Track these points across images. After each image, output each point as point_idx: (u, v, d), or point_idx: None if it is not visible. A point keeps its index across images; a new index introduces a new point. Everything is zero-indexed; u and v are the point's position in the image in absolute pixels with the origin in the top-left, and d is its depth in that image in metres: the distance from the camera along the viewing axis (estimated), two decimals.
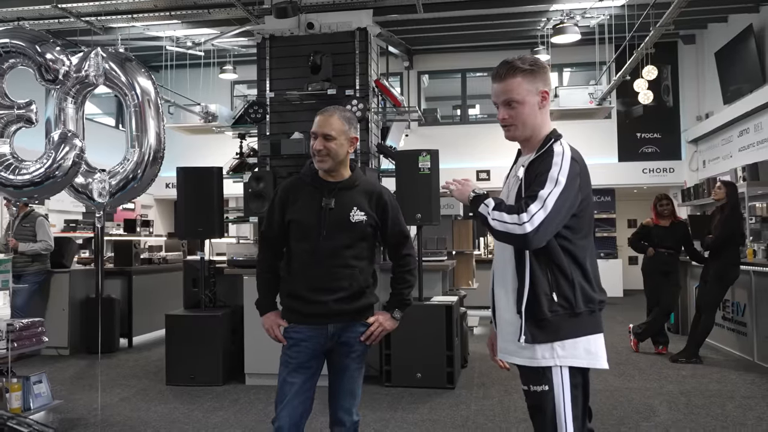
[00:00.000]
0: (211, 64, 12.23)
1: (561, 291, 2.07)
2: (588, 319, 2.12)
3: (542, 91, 2.16)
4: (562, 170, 2.05)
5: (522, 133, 2.19)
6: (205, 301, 5.98)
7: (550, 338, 2.07)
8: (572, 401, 2.07)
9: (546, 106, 2.19)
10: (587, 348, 2.11)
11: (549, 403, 2.08)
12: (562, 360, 2.07)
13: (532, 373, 2.11)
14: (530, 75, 2.14)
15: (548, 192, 2.01)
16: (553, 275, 2.07)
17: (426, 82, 14.77)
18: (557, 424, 2.07)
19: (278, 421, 2.63)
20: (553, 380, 2.07)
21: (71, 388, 5.59)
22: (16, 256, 6.42)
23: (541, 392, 2.09)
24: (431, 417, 4.60)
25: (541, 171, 2.07)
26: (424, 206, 5.53)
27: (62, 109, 3.77)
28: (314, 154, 2.68)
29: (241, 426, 4.47)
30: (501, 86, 2.16)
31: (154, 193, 13.93)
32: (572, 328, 2.08)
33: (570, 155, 2.11)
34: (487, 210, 2.06)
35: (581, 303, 2.09)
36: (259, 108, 6.35)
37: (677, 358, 6.40)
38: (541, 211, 1.98)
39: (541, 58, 9.34)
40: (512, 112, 2.16)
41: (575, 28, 9.16)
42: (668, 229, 6.87)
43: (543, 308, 2.05)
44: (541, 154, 2.13)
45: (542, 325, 2.06)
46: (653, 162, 13.42)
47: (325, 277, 2.67)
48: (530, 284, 2.07)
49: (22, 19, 8.24)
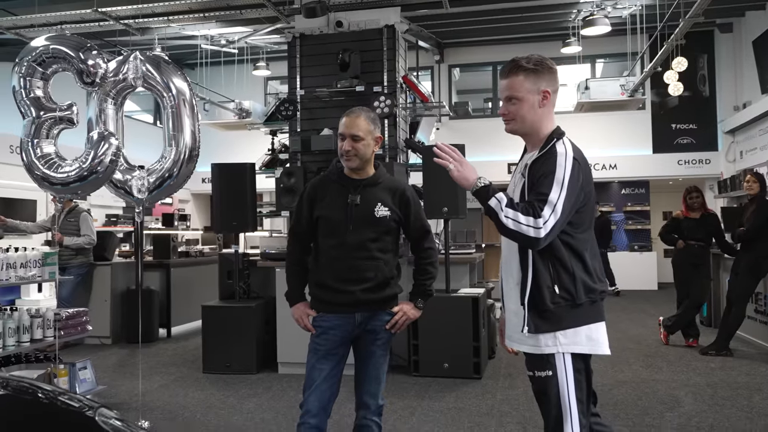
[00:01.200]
0: (244, 61, 12.48)
1: (562, 283, 2.18)
2: (589, 308, 2.22)
3: (544, 90, 2.26)
4: (566, 172, 2.15)
5: (520, 127, 2.31)
6: (239, 292, 6.20)
7: (553, 328, 2.18)
8: (576, 385, 2.18)
9: (547, 105, 2.28)
10: (588, 335, 2.22)
11: (553, 388, 2.19)
12: (564, 347, 2.19)
13: (537, 359, 2.23)
14: (533, 74, 2.24)
15: (557, 196, 2.11)
16: (555, 269, 2.18)
17: (457, 76, 14.79)
18: (562, 407, 2.18)
19: (306, 405, 2.78)
20: (557, 365, 2.19)
21: (113, 375, 5.86)
22: (61, 249, 6.71)
23: (546, 377, 2.20)
24: (457, 405, 4.72)
25: (545, 172, 2.16)
26: (451, 200, 5.62)
27: (102, 110, 3.97)
28: (342, 155, 2.82)
29: (274, 411, 4.66)
30: (505, 83, 2.29)
31: (190, 188, 14.28)
32: (574, 318, 2.19)
33: (572, 155, 2.20)
34: (500, 206, 2.12)
35: (582, 294, 2.19)
36: (289, 105, 6.52)
37: (707, 351, 6.38)
38: (553, 216, 2.09)
39: (572, 49, 9.31)
40: (512, 108, 2.28)
41: (605, 20, 9.10)
42: (698, 221, 6.83)
43: (545, 300, 2.16)
44: (544, 154, 2.23)
45: (545, 316, 2.18)
46: (689, 153, 13.23)
47: (352, 268, 2.81)
48: (533, 277, 2.18)
49: (65, 23, 8.58)
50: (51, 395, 1.78)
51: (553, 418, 2.20)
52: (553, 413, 2.20)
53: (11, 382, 1.88)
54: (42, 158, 3.91)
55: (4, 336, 4.03)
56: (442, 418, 4.44)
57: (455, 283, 5.93)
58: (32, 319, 4.24)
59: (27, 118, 3.92)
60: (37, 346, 4.35)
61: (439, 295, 5.55)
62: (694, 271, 6.80)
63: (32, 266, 4.31)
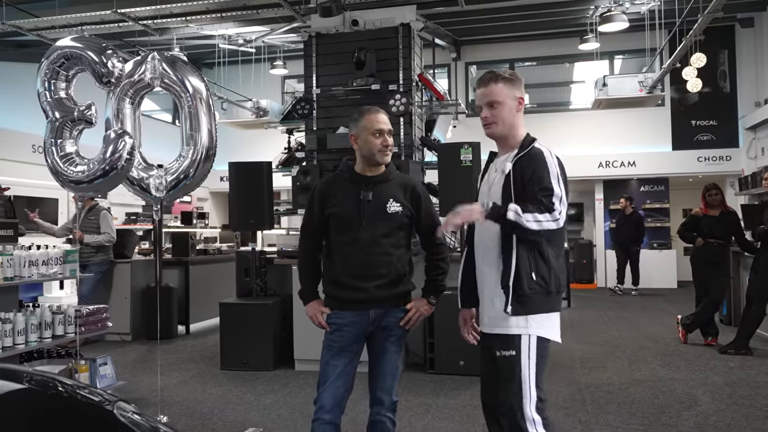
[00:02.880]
0: (262, 60, 12.55)
1: (539, 271, 2.42)
2: (555, 298, 2.49)
3: (519, 97, 2.56)
4: (557, 169, 2.43)
5: (500, 130, 2.57)
6: (256, 290, 6.25)
7: (527, 311, 2.41)
8: (537, 368, 2.40)
9: (521, 111, 2.58)
10: (554, 322, 2.48)
11: (516, 368, 2.40)
12: (532, 329, 2.41)
13: (503, 339, 2.44)
14: (509, 83, 2.55)
15: (560, 189, 2.38)
16: (534, 258, 2.42)
17: (474, 73, 14.75)
18: (522, 387, 2.38)
19: (320, 401, 2.81)
20: (521, 346, 2.40)
21: (133, 371, 5.95)
22: (81, 247, 6.81)
23: (510, 356, 2.41)
24: (472, 403, 4.73)
25: (539, 168, 2.41)
26: (467, 198, 5.59)
27: (120, 110, 4.03)
28: (381, 150, 2.86)
29: (290, 407, 4.70)
30: (485, 90, 2.56)
31: (209, 186, 14.41)
32: (545, 304, 2.44)
33: (554, 155, 2.47)
34: (518, 216, 2.31)
35: (553, 283, 2.45)
36: (306, 104, 6.56)
37: (726, 350, 6.32)
38: (562, 205, 2.37)
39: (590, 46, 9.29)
40: (493, 112, 2.55)
41: (623, 16, 9.03)
42: (717, 218, 6.76)
43: (524, 285, 2.39)
44: (527, 154, 2.48)
45: (521, 300, 2.40)
46: (709, 150, 13.07)
47: (365, 264, 2.84)
48: (516, 264, 2.39)
49: (85, 24, 8.70)
50: (71, 389, 1.82)
51: (512, 396, 2.38)
52: (513, 392, 2.39)
53: (33, 376, 1.93)
54: (64, 158, 3.98)
55: (26, 332, 4.11)
56: (457, 416, 4.46)
57: None
58: (54, 316, 4.33)
59: (49, 119, 4.00)
60: (59, 342, 4.43)
61: (454, 292, 5.52)
62: (713, 269, 6.74)
63: (54, 264, 4.40)
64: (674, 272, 13.00)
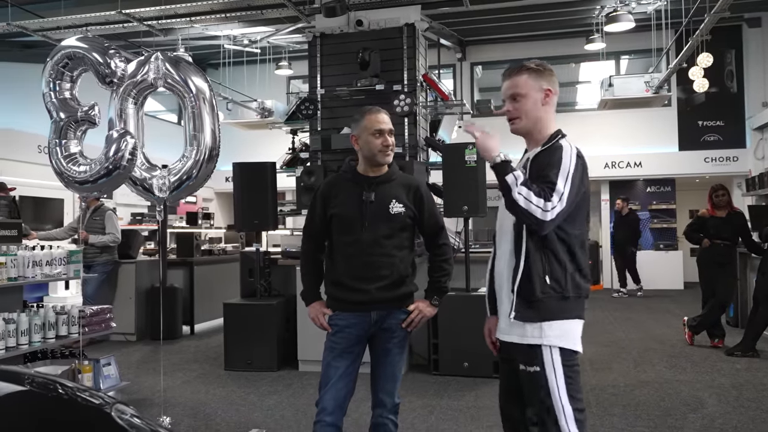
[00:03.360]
0: (267, 60, 12.56)
1: (554, 274, 2.22)
2: (575, 303, 2.27)
3: (546, 89, 2.34)
4: (571, 166, 2.22)
5: (525, 125, 2.36)
6: (260, 290, 6.25)
7: (539, 318, 2.21)
8: (566, 381, 2.20)
9: (549, 104, 2.35)
10: (573, 330, 2.26)
11: (542, 384, 2.20)
12: (550, 339, 2.21)
13: (525, 352, 2.25)
14: (535, 73, 2.34)
15: (563, 186, 2.18)
16: (548, 259, 2.23)
17: (479, 73, 14.72)
18: (553, 403, 2.18)
19: (322, 402, 2.80)
20: (544, 360, 2.20)
21: (137, 371, 5.94)
22: (86, 247, 6.82)
23: (534, 373, 2.22)
24: (476, 404, 4.71)
25: (551, 163, 2.23)
26: (471, 198, 5.60)
27: (123, 109, 4.03)
28: (381, 150, 2.83)
29: (294, 408, 4.69)
30: (509, 82, 2.37)
31: (214, 186, 14.43)
32: (560, 311, 2.23)
33: (576, 152, 2.27)
34: (516, 182, 2.17)
35: (570, 288, 2.23)
36: (310, 104, 6.55)
37: (733, 352, 6.27)
38: (559, 204, 2.16)
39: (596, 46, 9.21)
40: (516, 105, 2.34)
41: (629, 16, 8.98)
42: (724, 219, 6.72)
43: (535, 289, 2.20)
44: (548, 148, 2.30)
45: (533, 306, 2.21)
46: (716, 150, 13.00)
47: (367, 266, 2.82)
48: (525, 266, 2.22)
49: (90, 24, 8.72)
50: (71, 391, 1.81)
51: (544, 414, 2.20)
52: (544, 411, 2.20)
53: (33, 378, 1.92)
54: (68, 158, 3.98)
55: (30, 332, 4.11)
56: (461, 417, 4.43)
57: (475, 282, 5.90)
58: (57, 316, 4.33)
59: (53, 119, 4.00)
60: (63, 342, 4.43)
61: (459, 294, 5.54)
62: (720, 270, 6.69)
63: (57, 264, 4.40)
64: (681, 273, 12.93)
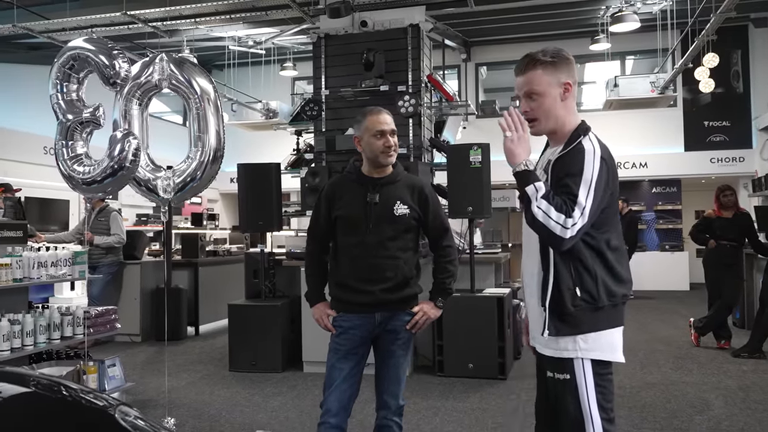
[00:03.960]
0: (272, 61, 12.58)
1: (584, 286, 2.08)
2: (610, 312, 2.13)
3: (565, 82, 2.16)
4: (594, 172, 2.05)
5: (546, 126, 2.19)
6: (265, 291, 6.25)
7: (573, 331, 2.09)
8: (597, 391, 2.09)
9: (569, 98, 2.18)
10: (609, 341, 2.13)
11: (571, 393, 2.10)
12: (584, 353, 2.09)
13: (556, 361, 2.14)
14: (551, 67, 2.15)
15: (585, 198, 2.02)
16: (576, 270, 2.08)
17: (484, 74, 14.70)
18: (583, 414, 2.08)
19: (326, 404, 2.79)
20: (575, 369, 2.10)
21: (142, 372, 5.95)
22: (91, 248, 6.84)
23: (563, 381, 2.12)
24: (481, 406, 4.69)
25: (573, 172, 2.05)
26: (476, 199, 5.59)
27: (128, 110, 4.03)
28: (384, 151, 2.81)
29: (298, 410, 4.68)
30: (522, 79, 2.18)
31: (219, 187, 14.45)
32: (594, 322, 2.10)
33: (600, 154, 2.10)
34: (536, 195, 2.03)
35: (604, 297, 2.09)
36: (314, 105, 6.55)
37: (739, 353, 6.24)
38: (581, 219, 2.00)
39: (601, 46, 9.12)
40: (533, 104, 2.17)
41: (634, 16, 8.96)
42: (731, 220, 6.69)
43: (566, 302, 2.07)
44: (570, 150, 2.11)
45: (565, 319, 2.09)
46: (722, 151, 12.95)
47: (371, 268, 2.81)
48: (554, 279, 2.09)
49: (95, 26, 8.74)
50: (74, 393, 1.81)
51: (573, 424, 2.11)
52: (573, 420, 2.10)
53: (38, 379, 1.92)
54: (74, 159, 3.99)
55: (35, 333, 4.11)
56: (466, 419, 4.42)
57: (480, 282, 5.90)
58: (62, 317, 4.33)
59: (59, 121, 4.00)
60: (68, 343, 4.44)
61: (464, 295, 5.53)
62: (726, 271, 6.66)
63: (63, 265, 4.40)
64: (686, 274, 12.87)
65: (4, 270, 4.03)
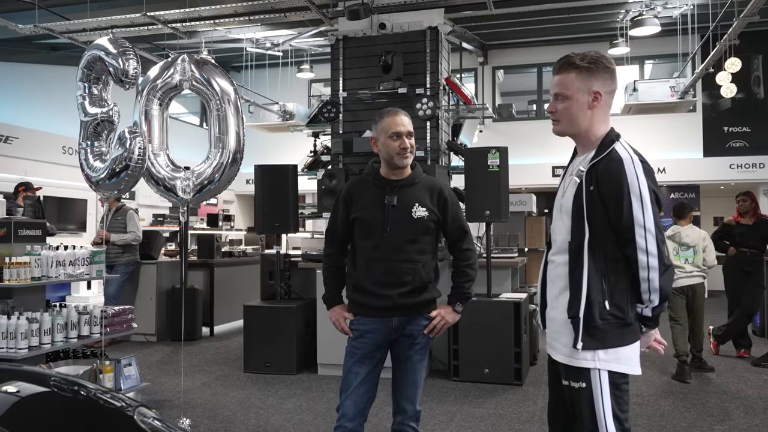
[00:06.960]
0: (289, 63, 12.61)
1: (614, 300, 2.05)
2: (635, 327, 2.11)
3: (595, 91, 2.11)
4: (642, 189, 2.02)
5: (567, 128, 2.18)
6: (280, 293, 6.25)
7: (597, 345, 2.06)
8: (613, 400, 2.07)
9: (599, 107, 2.13)
10: (628, 355, 2.10)
11: (586, 401, 2.08)
12: (602, 364, 2.06)
13: (572, 370, 2.11)
14: (585, 73, 2.11)
15: (642, 217, 2.01)
16: (608, 284, 2.05)
17: (501, 78, 14.64)
18: (598, 423, 2.06)
19: (343, 408, 2.76)
20: (591, 378, 2.07)
21: (157, 372, 5.97)
22: (108, 247, 6.88)
23: (579, 389, 2.09)
24: (497, 412, 4.65)
25: (621, 194, 2.02)
26: (493, 203, 5.56)
27: (148, 111, 4.05)
28: (399, 153, 2.79)
29: (313, 412, 4.67)
30: (556, 79, 2.18)
31: (235, 188, 14.50)
32: (620, 337, 2.07)
33: (640, 164, 2.06)
34: (650, 306, 2.07)
35: (631, 313, 2.08)
36: (332, 107, 6.55)
37: (760, 362, 6.15)
38: (665, 245, 2.04)
39: (620, 50, 9.00)
40: (560, 106, 2.16)
41: (655, 20, 8.87)
42: (751, 227, 6.60)
43: (594, 316, 2.04)
44: (605, 159, 2.07)
45: (591, 332, 2.05)
46: (741, 157, 12.77)
47: (389, 271, 2.78)
48: (587, 292, 2.05)
49: (115, 27, 8.81)
50: (93, 393, 1.81)
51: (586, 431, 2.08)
52: (587, 429, 2.08)
53: (57, 379, 1.92)
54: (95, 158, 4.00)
55: (52, 332, 4.14)
56: (482, 424, 4.38)
57: (497, 287, 5.86)
58: (80, 316, 4.35)
59: (82, 122, 4.02)
60: (85, 342, 4.46)
61: (480, 299, 5.49)
62: (746, 278, 6.57)
63: (80, 264, 4.43)
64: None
65: (23, 268, 4.06)
